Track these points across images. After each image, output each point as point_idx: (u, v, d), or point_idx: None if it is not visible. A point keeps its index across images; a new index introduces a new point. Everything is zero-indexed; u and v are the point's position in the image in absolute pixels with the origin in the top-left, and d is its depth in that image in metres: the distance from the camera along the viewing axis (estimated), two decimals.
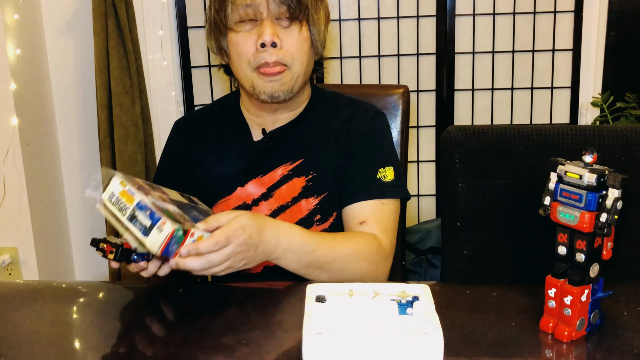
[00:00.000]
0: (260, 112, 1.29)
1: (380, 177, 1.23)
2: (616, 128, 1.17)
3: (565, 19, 2.44)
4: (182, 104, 2.45)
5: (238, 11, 1.18)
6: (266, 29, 1.16)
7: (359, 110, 1.30)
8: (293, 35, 1.19)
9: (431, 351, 0.75)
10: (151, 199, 0.94)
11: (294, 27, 1.19)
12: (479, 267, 1.19)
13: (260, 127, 1.29)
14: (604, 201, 0.83)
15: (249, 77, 1.20)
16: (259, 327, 0.93)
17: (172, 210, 0.96)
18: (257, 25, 1.18)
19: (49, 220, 2.39)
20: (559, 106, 2.53)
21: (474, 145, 1.18)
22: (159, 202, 0.96)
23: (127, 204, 0.94)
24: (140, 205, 0.92)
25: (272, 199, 1.26)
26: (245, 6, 1.17)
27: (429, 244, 2.29)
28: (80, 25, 2.32)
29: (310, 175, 1.25)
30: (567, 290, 0.87)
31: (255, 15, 1.17)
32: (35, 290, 1.12)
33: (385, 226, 1.21)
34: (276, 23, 1.18)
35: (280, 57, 1.18)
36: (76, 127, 2.43)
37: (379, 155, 1.26)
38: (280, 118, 1.29)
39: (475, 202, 1.17)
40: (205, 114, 1.39)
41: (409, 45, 2.49)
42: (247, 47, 1.18)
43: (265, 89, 1.20)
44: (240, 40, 1.19)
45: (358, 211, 1.22)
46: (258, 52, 1.17)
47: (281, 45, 1.17)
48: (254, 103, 1.28)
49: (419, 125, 2.56)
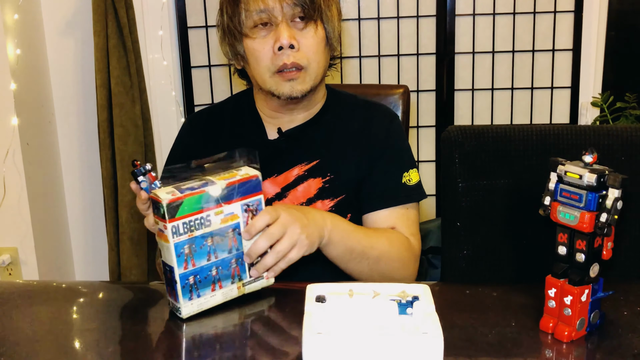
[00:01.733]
0: (276, 113, 1.29)
1: (405, 181, 1.26)
2: (616, 128, 1.17)
3: (565, 19, 2.44)
4: (182, 104, 2.45)
5: (252, 17, 1.17)
6: (283, 32, 1.16)
7: (376, 113, 1.31)
8: (309, 35, 1.19)
9: (431, 351, 0.75)
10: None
11: (310, 27, 1.19)
12: (479, 267, 1.19)
13: (275, 127, 1.29)
14: (604, 201, 0.83)
15: (268, 81, 1.20)
16: (260, 326, 0.93)
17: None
18: (272, 29, 1.18)
19: (49, 220, 2.39)
20: (559, 106, 2.53)
21: (474, 145, 1.18)
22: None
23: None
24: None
25: (286, 199, 1.26)
26: (260, 11, 1.16)
27: (429, 244, 2.29)
28: (80, 25, 2.32)
29: (328, 177, 1.25)
30: (567, 290, 0.87)
31: (270, 19, 1.17)
32: (35, 290, 1.12)
33: (412, 230, 1.24)
34: (292, 25, 1.18)
35: (298, 59, 1.17)
36: (76, 127, 2.43)
37: (402, 159, 1.28)
38: (296, 118, 1.29)
39: (475, 202, 1.17)
40: (220, 110, 1.38)
41: (409, 45, 2.49)
42: (265, 52, 1.18)
43: (284, 90, 1.20)
44: (257, 46, 1.19)
45: (385, 217, 1.24)
46: (276, 56, 1.17)
47: (299, 47, 1.17)
48: (270, 104, 1.28)
49: (419, 125, 2.56)
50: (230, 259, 0.97)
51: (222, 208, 0.94)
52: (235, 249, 0.98)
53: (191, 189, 0.92)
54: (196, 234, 0.93)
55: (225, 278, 0.97)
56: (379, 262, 1.14)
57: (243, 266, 0.99)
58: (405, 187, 1.25)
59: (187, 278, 0.93)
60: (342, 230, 1.11)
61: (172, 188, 0.93)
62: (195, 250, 0.93)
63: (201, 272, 0.94)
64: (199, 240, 0.93)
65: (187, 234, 0.92)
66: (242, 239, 0.98)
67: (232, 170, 0.98)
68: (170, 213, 0.90)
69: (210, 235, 0.94)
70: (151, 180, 0.99)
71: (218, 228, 0.95)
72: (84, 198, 2.50)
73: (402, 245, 1.20)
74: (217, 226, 0.95)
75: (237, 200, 0.96)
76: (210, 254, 0.95)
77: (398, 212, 1.24)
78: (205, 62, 2.44)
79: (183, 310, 0.94)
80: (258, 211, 0.98)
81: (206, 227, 0.93)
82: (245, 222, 0.97)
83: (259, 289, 1.02)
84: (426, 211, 2.63)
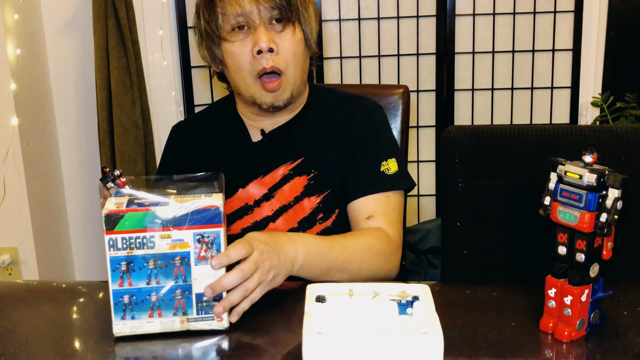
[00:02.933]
0: (258, 117, 1.29)
1: (383, 170, 1.24)
2: (616, 128, 1.17)
3: (565, 19, 2.44)
4: (182, 104, 2.45)
5: (229, 21, 1.17)
6: (261, 35, 1.16)
7: (357, 106, 1.31)
8: (287, 38, 1.19)
9: (431, 351, 0.75)
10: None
11: (288, 30, 1.19)
12: (479, 267, 1.19)
13: (258, 129, 1.29)
14: (604, 201, 0.83)
15: (250, 87, 1.20)
16: (259, 327, 0.93)
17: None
18: (250, 32, 1.18)
19: (49, 220, 2.39)
20: (559, 106, 2.53)
21: (474, 145, 1.18)
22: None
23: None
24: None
25: (273, 199, 1.26)
26: (237, 15, 1.16)
27: (429, 244, 2.29)
28: (80, 25, 2.32)
29: (312, 173, 1.25)
30: (567, 290, 0.87)
31: (247, 23, 1.17)
32: (35, 290, 1.12)
33: (392, 219, 1.21)
34: (269, 28, 1.18)
35: (277, 62, 1.17)
36: (76, 127, 2.43)
37: (380, 148, 1.26)
38: (279, 120, 1.29)
39: (475, 202, 1.17)
40: (203, 118, 1.39)
41: (409, 45, 2.49)
42: (244, 56, 1.18)
43: (266, 100, 1.20)
44: (236, 50, 1.18)
45: (364, 206, 1.22)
46: (255, 59, 1.17)
47: (278, 50, 1.17)
48: (251, 109, 1.28)
49: (419, 125, 2.56)
50: (174, 288, 0.89)
51: (170, 232, 0.87)
52: (182, 279, 0.89)
53: (139, 205, 0.88)
54: (136, 253, 0.87)
55: (166, 307, 0.90)
56: (360, 270, 1.13)
57: (190, 301, 0.90)
58: (384, 175, 1.23)
59: (121, 296, 0.88)
60: (316, 254, 1.07)
61: (125, 199, 0.89)
62: (134, 270, 0.88)
63: (138, 294, 0.89)
64: (139, 260, 0.87)
65: (125, 250, 0.87)
66: (211, 267, 0.89)
67: (196, 195, 0.91)
68: (108, 225, 0.86)
69: (153, 258, 0.88)
70: (121, 185, 0.94)
71: (163, 253, 0.88)
72: (84, 198, 2.50)
73: (381, 243, 1.17)
74: (162, 250, 0.88)
75: (188, 227, 0.88)
76: (150, 277, 0.88)
77: (377, 199, 1.22)
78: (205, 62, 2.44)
79: (114, 328, 0.89)
80: (214, 244, 0.89)
81: (148, 249, 0.87)
82: (197, 253, 0.88)
83: (207, 329, 0.91)
84: (426, 211, 2.63)
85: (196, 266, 0.89)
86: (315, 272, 1.08)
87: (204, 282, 0.90)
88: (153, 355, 0.88)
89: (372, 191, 1.22)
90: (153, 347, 0.89)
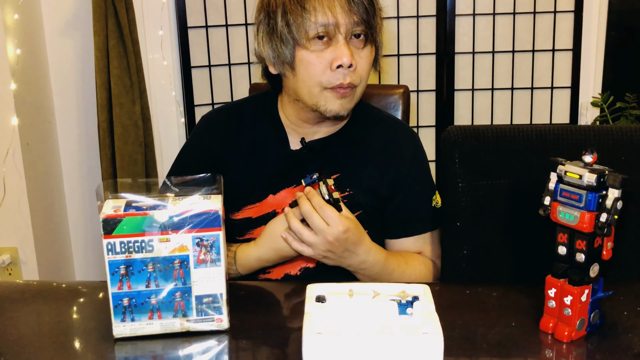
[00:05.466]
0: (302, 123, 1.26)
1: (434, 205, 1.28)
2: (616, 128, 1.17)
3: (565, 19, 2.44)
4: (182, 104, 2.45)
5: (316, 28, 1.12)
6: (344, 50, 1.13)
7: (401, 132, 1.32)
8: (364, 55, 1.17)
9: (431, 351, 0.75)
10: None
11: (367, 47, 1.17)
12: (479, 267, 1.19)
13: (298, 136, 1.26)
14: (604, 201, 0.83)
15: (315, 95, 1.16)
16: (259, 327, 0.93)
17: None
18: (330, 44, 1.14)
19: (49, 220, 2.39)
20: (559, 106, 2.53)
21: (474, 145, 1.17)
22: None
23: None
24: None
25: None
26: (324, 24, 1.12)
27: None
28: (80, 25, 2.32)
29: (347, 192, 1.24)
30: (567, 290, 0.87)
31: (328, 33, 1.13)
32: (35, 290, 1.12)
33: (438, 252, 1.28)
34: (349, 43, 1.15)
35: (353, 79, 1.15)
36: (76, 127, 2.43)
37: (430, 183, 1.30)
38: (320, 130, 1.27)
39: (475, 202, 1.17)
40: (237, 114, 1.33)
41: (409, 45, 2.49)
42: (321, 67, 1.14)
43: (333, 107, 1.17)
44: (313, 59, 1.14)
45: (412, 243, 1.28)
46: (332, 73, 1.14)
47: (356, 66, 1.15)
48: (301, 115, 1.24)
49: (419, 125, 2.56)
50: (173, 291, 0.90)
51: (169, 236, 0.88)
52: (181, 282, 0.90)
53: (137, 209, 0.87)
54: (135, 256, 0.87)
55: (166, 309, 0.90)
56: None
57: (189, 303, 0.90)
58: (435, 211, 1.28)
59: (120, 299, 0.89)
60: (375, 273, 1.17)
61: (122, 202, 0.89)
62: (133, 273, 0.88)
63: (138, 296, 0.89)
64: (137, 264, 0.88)
65: (124, 254, 0.87)
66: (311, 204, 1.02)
67: (196, 198, 0.90)
68: (106, 229, 0.86)
69: (152, 262, 0.88)
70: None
71: (162, 256, 0.88)
72: (84, 198, 2.50)
73: (430, 272, 1.26)
74: (161, 254, 0.88)
75: (187, 231, 0.88)
76: (150, 280, 0.89)
77: (426, 237, 1.29)
78: (205, 62, 2.44)
79: (114, 329, 0.90)
80: (214, 248, 0.89)
81: (147, 252, 0.88)
82: (196, 256, 0.89)
83: (207, 330, 0.92)
84: None
85: (196, 269, 0.89)
86: (359, 279, 1.17)
87: (204, 285, 0.90)
88: (153, 356, 0.88)
89: (427, 229, 1.28)
90: (153, 347, 0.89)
